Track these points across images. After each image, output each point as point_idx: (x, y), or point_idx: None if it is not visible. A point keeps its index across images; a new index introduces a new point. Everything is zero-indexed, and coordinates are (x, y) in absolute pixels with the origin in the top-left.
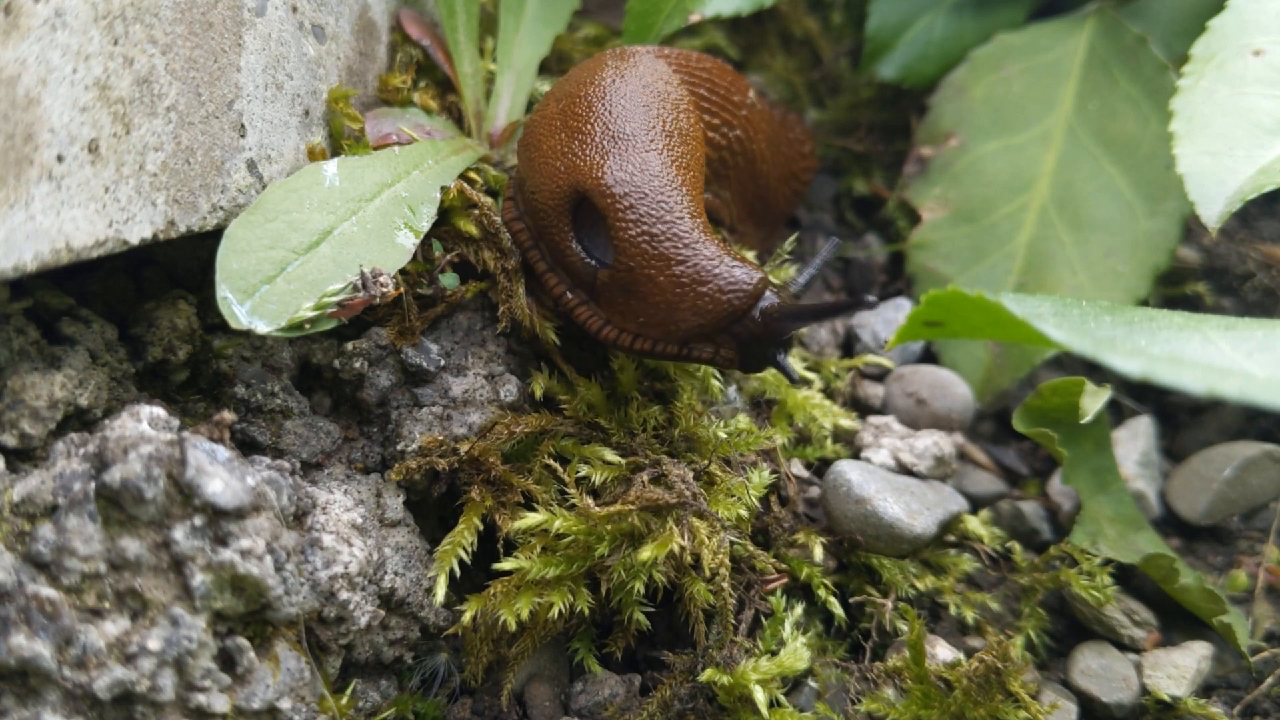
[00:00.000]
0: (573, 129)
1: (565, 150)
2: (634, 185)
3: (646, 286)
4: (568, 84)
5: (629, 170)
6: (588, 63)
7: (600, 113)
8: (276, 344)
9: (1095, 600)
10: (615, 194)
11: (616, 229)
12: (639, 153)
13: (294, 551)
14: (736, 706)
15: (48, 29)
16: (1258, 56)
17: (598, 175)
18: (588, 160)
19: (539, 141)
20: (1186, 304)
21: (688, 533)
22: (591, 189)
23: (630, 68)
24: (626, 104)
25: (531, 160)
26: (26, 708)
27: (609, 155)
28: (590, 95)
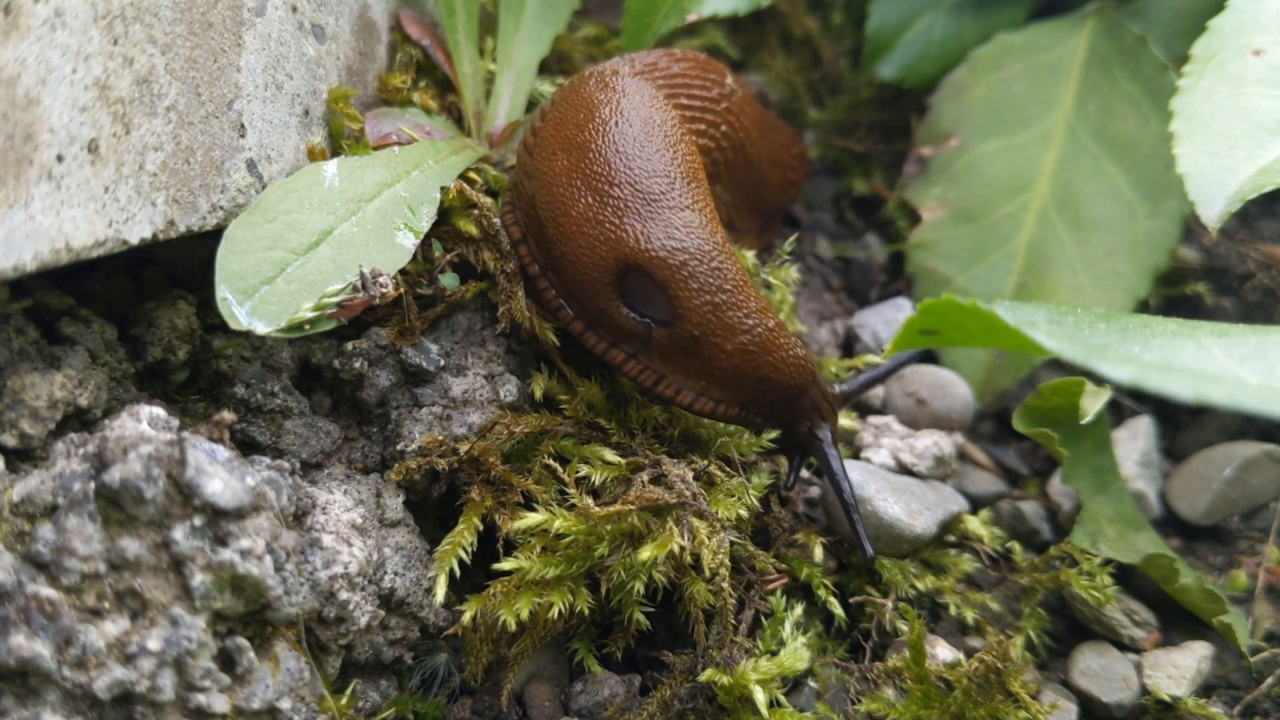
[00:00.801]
0: (600, 192)
1: (599, 218)
2: (688, 253)
3: (711, 351)
4: (567, 128)
5: (678, 237)
6: (575, 97)
7: (621, 169)
8: (276, 344)
9: (1095, 600)
10: (672, 265)
11: (681, 298)
12: (678, 212)
13: (294, 551)
14: (736, 706)
15: (47, 29)
16: (1258, 56)
17: (650, 248)
18: (633, 231)
19: (564, 205)
20: (1187, 304)
21: (687, 533)
22: (647, 263)
23: (624, 101)
24: (642, 152)
25: (560, 225)
26: (26, 708)
27: (652, 222)
28: (602, 148)
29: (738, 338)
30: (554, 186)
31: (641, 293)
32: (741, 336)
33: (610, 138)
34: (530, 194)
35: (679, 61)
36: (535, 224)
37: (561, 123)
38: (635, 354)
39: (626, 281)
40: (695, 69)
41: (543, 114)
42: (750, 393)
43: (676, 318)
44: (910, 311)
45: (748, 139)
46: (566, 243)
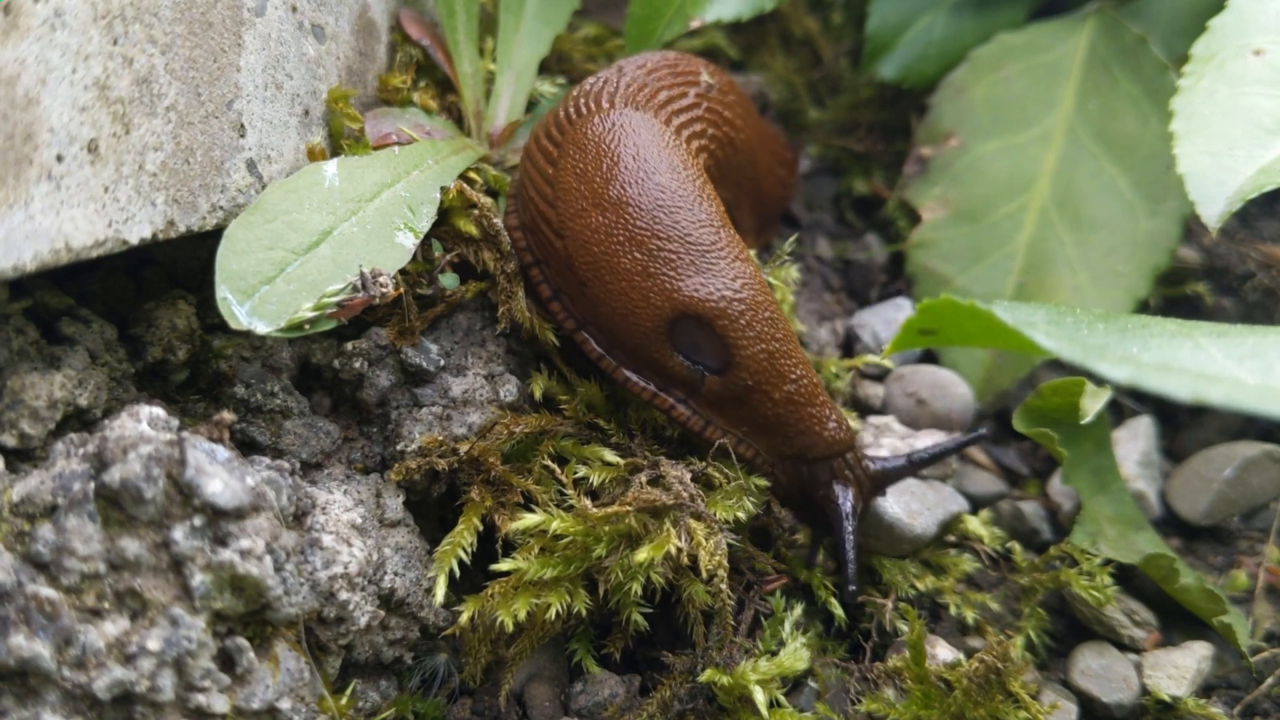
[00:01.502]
0: (650, 247)
1: (651, 271)
2: (745, 303)
3: (760, 399)
4: (593, 182)
5: (735, 288)
6: (585, 142)
7: (668, 223)
8: (276, 344)
9: (1095, 600)
10: (731, 315)
11: (739, 346)
12: (732, 263)
13: (293, 552)
14: (736, 707)
15: (47, 29)
16: (1258, 56)
17: (709, 298)
18: (691, 283)
19: (609, 263)
20: (1187, 304)
21: (685, 534)
22: (707, 313)
23: (643, 147)
24: (683, 203)
25: (607, 282)
26: (26, 708)
27: (709, 273)
28: (643, 203)
29: (785, 386)
30: (592, 245)
31: (692, 340)
32: (788, 385)
33: (648, 191)
34: (562, 252)
35: (652, 73)
36: (573, 282)
37: (583, 175)
38: (684, 399)
39: (677, 329)
40: (668, 76)
41: (545, 153)
42: (788, 445)
43: (732, 365)
44: (910, 311)
45: (734, 131)
46: (615, 298)
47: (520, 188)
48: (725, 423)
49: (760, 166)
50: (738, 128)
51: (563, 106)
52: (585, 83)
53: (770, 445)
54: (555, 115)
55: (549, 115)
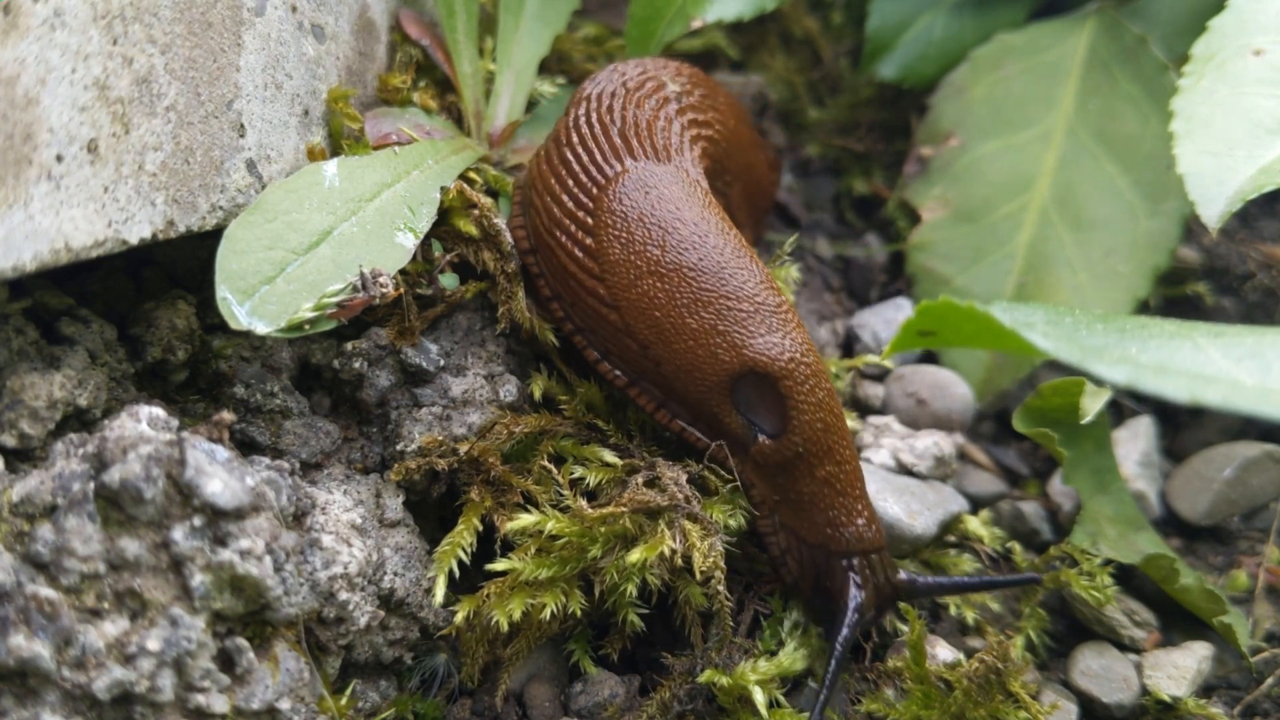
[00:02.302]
0: (720, 307)
1: (722, 329)
2: (811, 369)
3: (803, 471)
4: (644, 251)
5: (803, 349)
6: (626, 211)
7: (731, 281)
8: (276, 344)
9: (1095, 600)
10: (799, 376)
11: (801, 409)
12: (796, 325)
13: (293, 552)
14: (736, 707)
15: (47, 29)
16: (1258, 56)
17: (780, 358)
18: (763, 341)
19: (674, 326)
20: (1187, 304)
21: (679, 535)
22: (777, 373)
23: (678, 200)
24: (739, 260)
25: (671, 344)
26: (26, 708)
27: (780, 332)
28: (701, 263)
29: (828, 465)
30: (654, 311)
31: (749, 399)
32: (831, 466)
33: (707, 254)
34: (619, 323)
35: (636, 92)
36: (630, 345)
37: (631, 246)
38: (733, 453)
39: (738, 386)
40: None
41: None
42: (814, 531)
43: (789, 429)
44: (910, 311)
45: (726, 130)
46: (681, 356)
47: (547, 256)
48: (764, 489)
49: (752, 163)
50: (730, 127)
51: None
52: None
53: (797, 524)
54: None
55: (549, 166)
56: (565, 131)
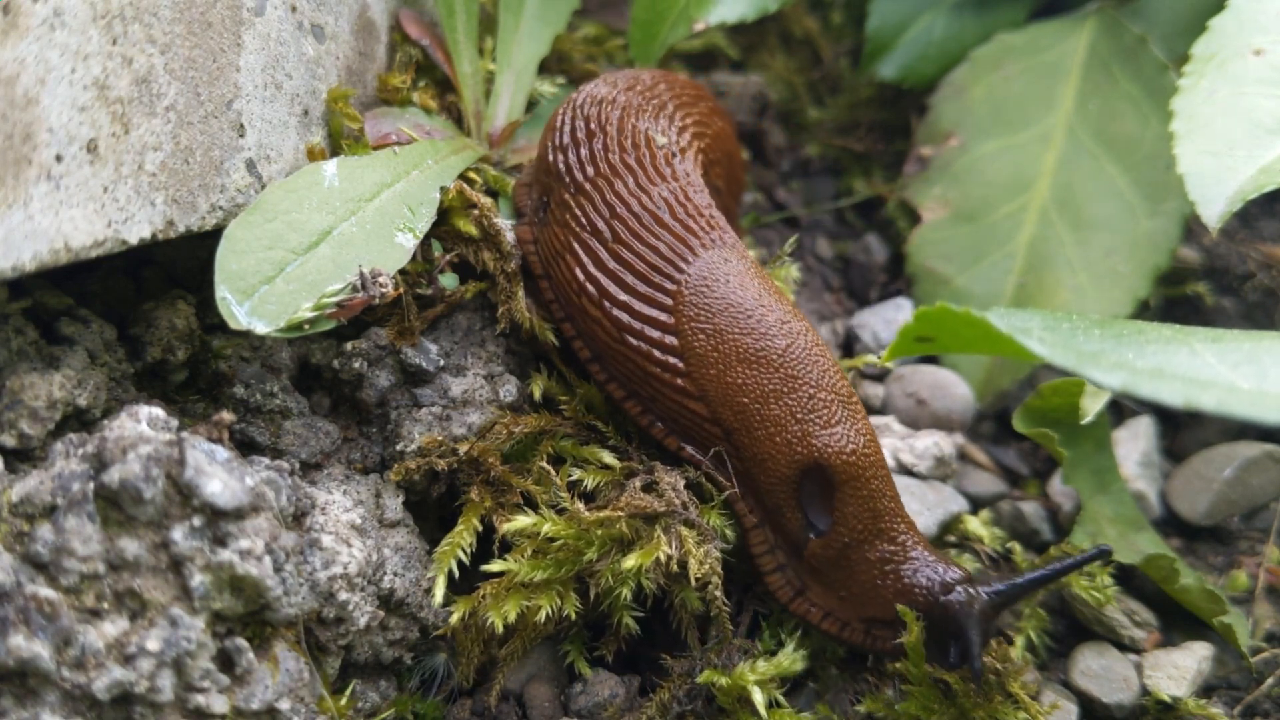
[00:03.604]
0: (801, 395)
1: (799, 417)
2: (870, 458)
3: (858, 557)
4: (732, 339)
5: (865, 440)
6: (713, 301)
7: (814, 371)
8: (275, 344)
9: (1095, 601)
10: (858, 466)
11: (851, 499)
12: (864, 417)
13: (293, 552)
14: (735, 707)
15: (46, 29)
16: (1258, 56)
17: (842, 449)
18: (833, 430)
19: (759, 412)
20: (1187, 304)
21: (675, 541)
22: (839, 464)
23: (759, 287)
24: (823, 350)
25: (752, 430)
26: (25, 708)
27: (848, 423)
28: (790, 350)
29: (881, 548)
30: (741, 397)
31: (808, 496)
32: (889, 546)
33: (796, 342)
34: (703, 412)
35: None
36: (715, 435)
37: (719, 333)
38: (783, 566)
39: (804, 482)
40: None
41: (656, 324)
42: (885, 610)
43: (837, 520)
44: (910, 311)
45: (709, 122)
46: (761, 444)
47: (619, 361)
48: (820, 591)
49: (731, 151)
50: (717, 126)
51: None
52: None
53: (870, 610)
54: (631, 268)
55: (600, 270)
56: (604, 225)
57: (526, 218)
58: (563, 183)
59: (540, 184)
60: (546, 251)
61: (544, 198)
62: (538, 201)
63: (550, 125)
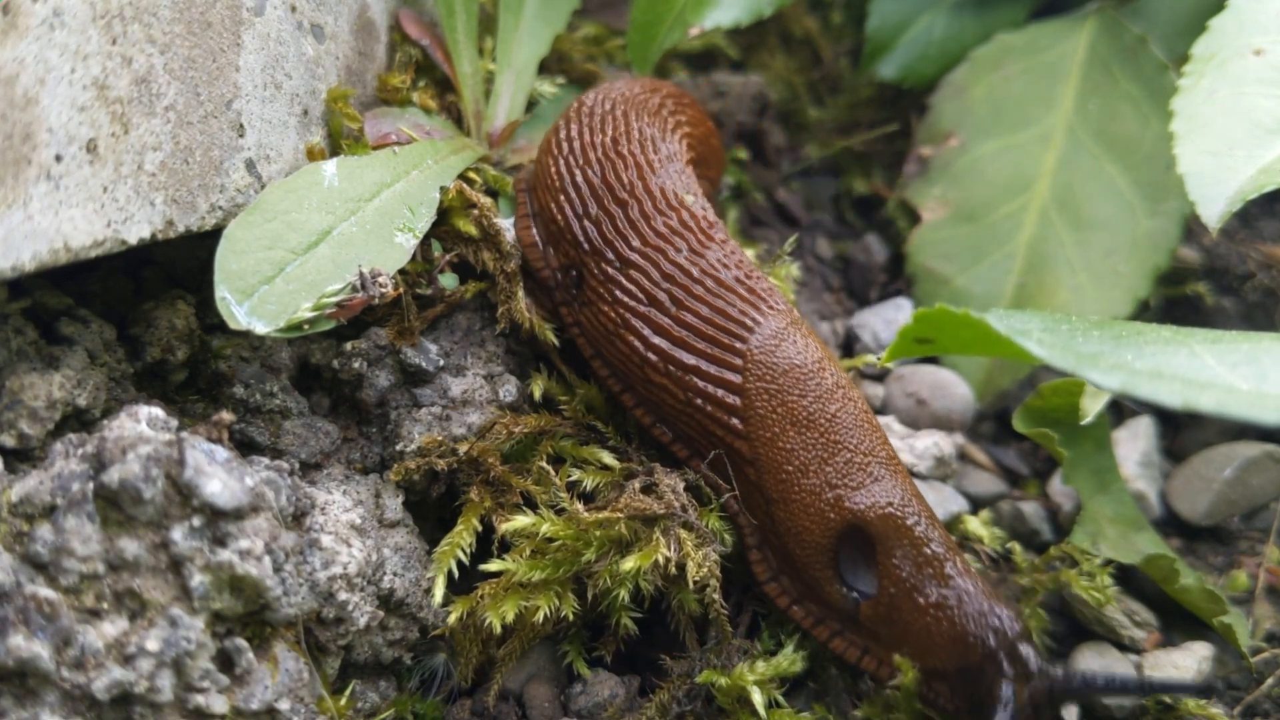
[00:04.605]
0: (841, 464)
1: (836, 483)
2: (913, 511)
3: (910, 606)
4: (786, 401)
5: (905, 497)
6: (774, 362)
7: (857, 432)
8: (275, 344)
9: (1096, 601)
10: (898, 519)
11: (895, 552)
12: (903, 478)
13: (293, 552)
14: (735, 708)
15: (46, 28)
16: (1258, 56)
17: (881, 505)
18: (869, 493)
19: (799, 479)
20: (1187, 304)
21: (674, 544)
22: (878, 521)
23: (817, 348)
24: (868, 411)
25: (790, 501)
26: (25, 708)
27: (887, 480)
28: (841, 415)
29: (931, 592)
30: (786, 466)
31: (851, 560)
32: (941, 590)
33: (845, 406)
34: (753, 479)
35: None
36: (758, 504)
37: (780, 394)
38: (842, 630)
39: (843, 548)
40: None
41: (725, 384)
42: (947, 660)
43: (882, 575)
44: (910, 311)
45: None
46: (796, 517)
47: (684, 422)
48: (884, 649)
49: (715, 147)
50: (704, 127)
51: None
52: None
53: (927, 661)
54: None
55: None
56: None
57: (557, 295)
58: (602, 256)
59: (564, 255)
60: (596, 332)
61: (574, 272)
62: (567, 278)
63: (559, 194)
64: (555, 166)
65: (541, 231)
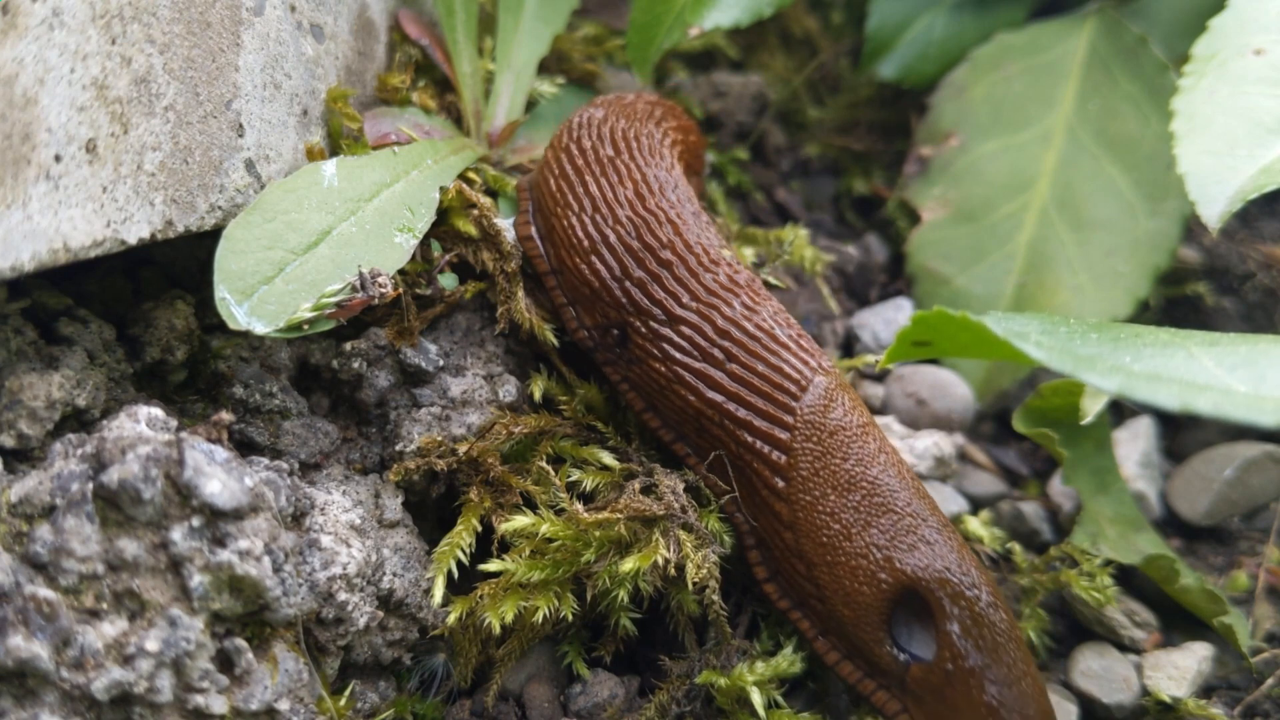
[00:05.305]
0: (888, 525)
1: (885, 544)
2: (971, 580)
3: (963, 695)
4: (830, 464)
5: (964, 564)
6: (824, 425)
7: (901, 491)
8: (275, 344)
9: (1096, 601)
10: (955, 585)
11: (955, 622)
12: (957, 542)
13: (292, 552)
14: (734, 708)
15: (45, 28)
16: (1259, 56)
17: (937, 569)
18: (926, 551)
19: (842, 542)
20: (1187, 304)
21: (674, 545)
22: (935, 583)
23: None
24: (910, 470)
25: (834, 564)
26: (24, 709)
27: (940, 544)
28: (882, 477)
29: (990, 690)
30: (829, 529)
31: (905, 624)
32: (999, 689)
33: (887, 469)
34: (791, 543)
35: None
36: (797, 569)
37: (824, 455)
38: (887, 686)
39: (896, 611)
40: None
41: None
42: None
43: (941, 644)
44: (910, 311)
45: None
46: (842, 580)
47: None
48: (921, 714)
49: (699, 151)
50: (694, 135)
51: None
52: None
53: None
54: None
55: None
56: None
57: (598, 355)
58: (650, 315)
59: (601, 315)
60: (649, 388)
61: (616, 331)
62: (608, 338)
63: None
64: (583, 227)
65: (568, 293)
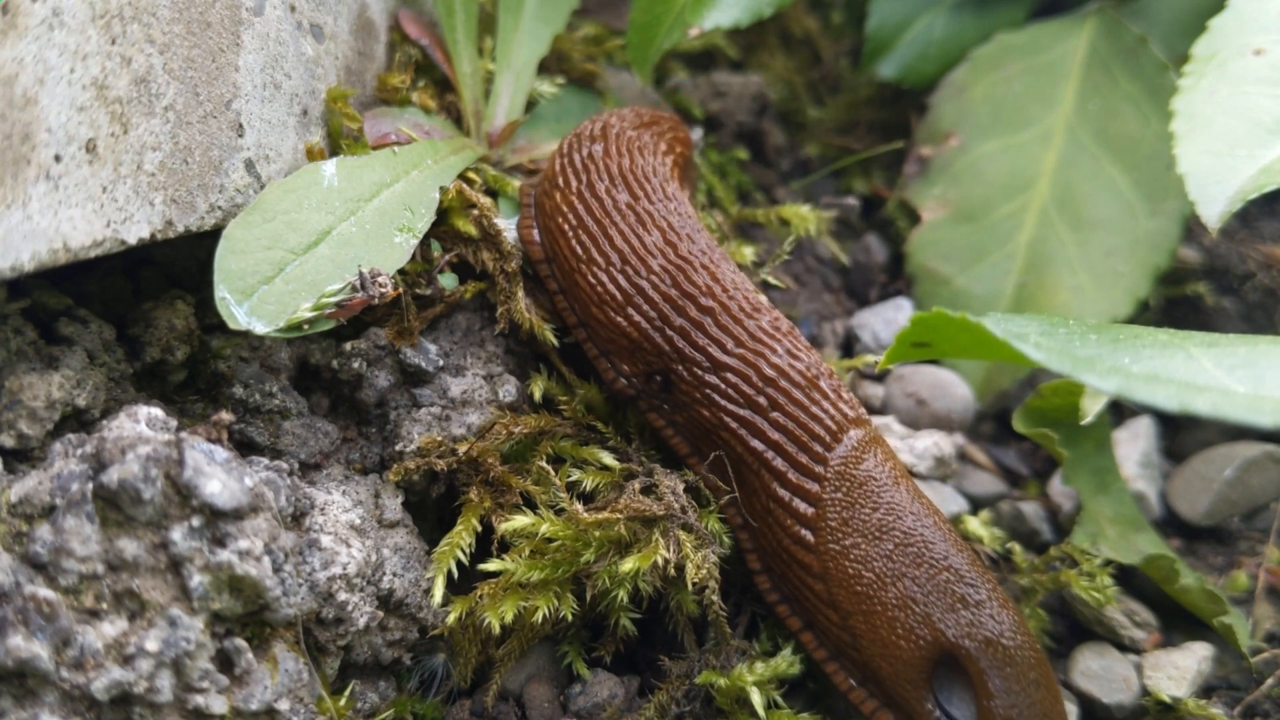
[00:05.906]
0: (925, 578)
1: (923, 600)
2: (1017, 645)
3: None
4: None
5: (1007, 626)
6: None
7: (939, 545)
8: (275, 344)
9: (1096, 601)
10: (993, 658)
11: (989, 694)
12: (999, 601)
13: (292, 552)
14: (734, 709)
15: (45, 28)
16: (1258, 56)
17: (979, 634)
18: (964, 618)
19: (876, 594)
20: (1187, 304)
21: (674, 545)
22: (973, 653)
23: (891, 452)
24: (949, 525)
25: (870, 615)
26: (24, 709)
27: (985, 606)
28: (916, 529)
29: None
30: (862, 578)
31: (946, 685)
32: None
33: (919, 516)
34: (824, 594)
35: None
36: (830, 620)
37: (853, 505)
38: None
39: (938, 671)
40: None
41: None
42: None
43: (983, 715)
44: (910, 311)
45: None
46: (879, 631)
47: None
48: None
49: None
50: (686, 145)
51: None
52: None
53: None
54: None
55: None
56: None
57: (641, 403)
58: (694, 362)
59: (642, 364)
60: (695, 433)
61: (659, 378)
62: (650, 385)
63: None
64: (614, 281)
65: (600, 345)
